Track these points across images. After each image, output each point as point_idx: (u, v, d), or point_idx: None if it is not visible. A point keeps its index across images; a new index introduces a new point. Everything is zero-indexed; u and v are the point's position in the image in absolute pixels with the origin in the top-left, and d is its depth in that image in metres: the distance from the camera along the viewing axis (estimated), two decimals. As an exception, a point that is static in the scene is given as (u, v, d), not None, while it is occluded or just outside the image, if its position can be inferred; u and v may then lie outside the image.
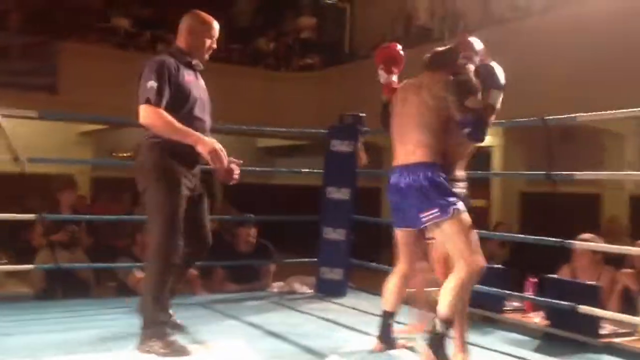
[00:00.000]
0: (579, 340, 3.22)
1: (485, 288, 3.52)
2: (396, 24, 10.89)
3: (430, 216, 2.67)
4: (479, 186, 9.10)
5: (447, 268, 2.83)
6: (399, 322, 3.20)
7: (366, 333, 3.39)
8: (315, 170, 5.12)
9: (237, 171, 3.01)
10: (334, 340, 3.20)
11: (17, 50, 9.48)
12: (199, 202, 3.09)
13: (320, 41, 12.64)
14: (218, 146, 2.84)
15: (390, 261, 3.24)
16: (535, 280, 3.75)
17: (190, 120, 2.90)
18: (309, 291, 4.59)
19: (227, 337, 3.19)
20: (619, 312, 3.56)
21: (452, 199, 2.68)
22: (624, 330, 3.28)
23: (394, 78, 3.11)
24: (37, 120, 5.40)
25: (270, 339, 3.23)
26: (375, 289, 4.65)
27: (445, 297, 2.63)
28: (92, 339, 3.04)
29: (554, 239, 3.49)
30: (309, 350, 3.01)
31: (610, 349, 3.13)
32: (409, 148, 2.80)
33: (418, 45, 9.82)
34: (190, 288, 4.71)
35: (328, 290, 4.51)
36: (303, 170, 5.45)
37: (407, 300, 3.19)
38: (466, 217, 2.71)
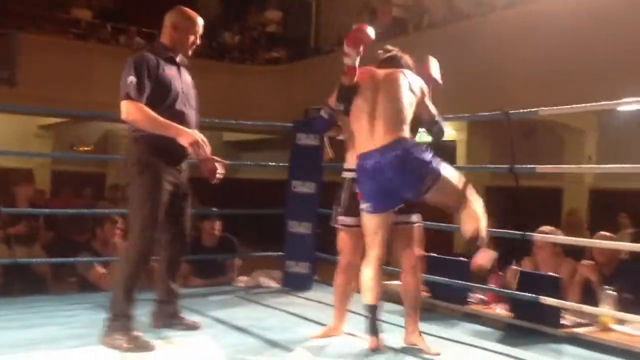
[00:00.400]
0: (541, 330, 3.27)
1: (449, 280, 3.56)
2: (361, 18, 10.90)
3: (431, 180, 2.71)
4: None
5: None
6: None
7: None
8: (280, 164, 5.09)
9: (221, 170, 3.06)
10: (300, 334, 3.19)
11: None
12: (183, 199, 3.10)
13: (286, 35, 12.59)
14: (199, 137, 2.86)
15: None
16: (499, 272, 3.79)
17: (171, 114, 2.90)
18: (275, 285, 4.57)
19: (192, 333, 3.14)
20: (579, 303, 3.64)
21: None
22: (584, 321, 3.35)
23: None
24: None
25: (236, 333, 3.20)
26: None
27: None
28: (52, 336, 2.97)
29: (515, 232, 3.54)
30: (274, 345, 2.99)
31: (571, 339, 3.20)
32: (382, 131, 2.79)
33: (384, 40, 9.91)
34: (153, 283, 4.64)
35: (294, 284, 4.50)
36: (268, 163, 5.42)
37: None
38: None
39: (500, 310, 3.63)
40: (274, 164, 5.44)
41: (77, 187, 9.47)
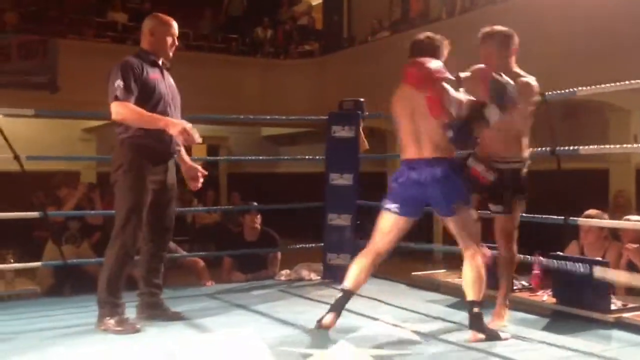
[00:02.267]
0: (589, 317, 3.20)
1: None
2: (394, 8, 10.80)
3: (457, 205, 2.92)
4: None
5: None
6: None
7: (374, 318, 3.40)
8: (317, 157, 5.10)
9: (201, 179, 3.38)
10: (342, 327, 3.18)
11: (16, 49, 9.46)
12: (168, 197, 3.29)
13: (318, 27, 12.56)
14: (188, 125, 3.04)
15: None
16: (540, 257, 3.71)
17: (156, 114, 3.11)
18: (317, 278, 4.59)
19: (235, 327, 3.19)
20: (625, 287, 3.55)
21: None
22: (633, 305, 3.26)
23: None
24: (41, 119, 5.40)
25: (278, 327, 3.23)
26: (384, 274, 4.67)
27: (472, 285, 2.92)
28: (101, 334, 3.04)
29: (557, 217, 3.46)
30: (317, 338, 3.00)
31: (620, 324, 3.12)
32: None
33: (417, 27, 9.79)
34: (199, 279, 4.73)
35: (335, 276, 4.48)
36: (305, 157, 5.43)
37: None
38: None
39: (546, 297, 3.56)
40: (310, 157, 5.45)
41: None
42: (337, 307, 3.08)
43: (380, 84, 9.50)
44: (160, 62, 3.25)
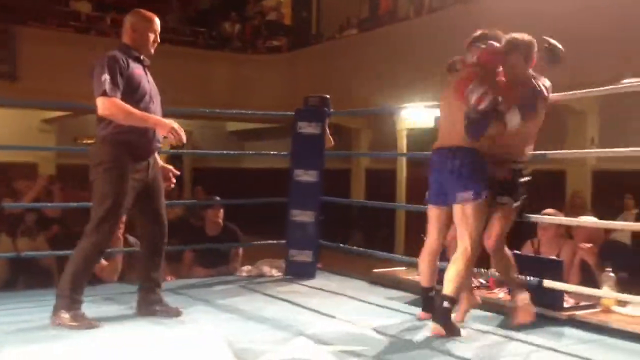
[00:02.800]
0: (543, 314, 3.28)
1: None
2: (362, 6, 10.85)
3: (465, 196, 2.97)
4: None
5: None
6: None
7: (333, 315, 3.41)
8: (282, 153, 5.10)
9: (173, 180, 3.46)
10: (301, 323, 3.21)
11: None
12: (155, 191, 3.27)
13: (287, 23, 12.54)
14: (176, 125, 3.05)
15: (360, 241, 3.29)
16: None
17: (140, 110, 3.08)
18: (278, 274, 4.59)
19: (195, 322, 3.17)
20: (579, 284, 3.65)
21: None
22: (585, 303, 3.35)
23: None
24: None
25: (238, 322, 3.22)
26: (345, 270, 4.70)
27: (450, 279, 2.95)
28: (54, 329, 2.99)
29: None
30: (275, 334, 3.01)
31: (572, 322, 3.20)
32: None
33: (385, 25, 9.87)
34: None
35: (297, 273, 4.52)
36: (269, 152, 5.43)
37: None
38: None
39: (502, 295, 3.63)
40: (275, 152, 5.44)
41: (82, 180, 9.50)
42: (425, 306, 3.27)
43: (348, 81, 9.61)
44: (142, 58, 3.22)
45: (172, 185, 3.48)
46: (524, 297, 3.14)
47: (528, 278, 3.28)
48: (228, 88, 11.09)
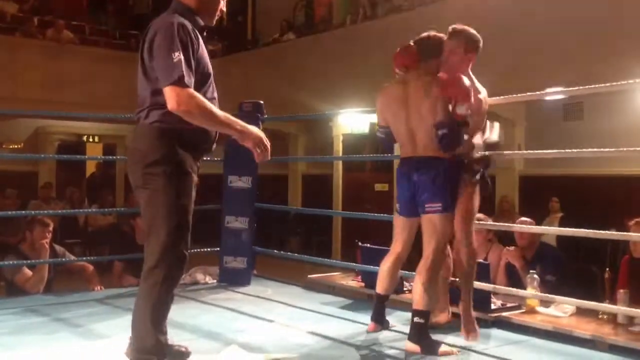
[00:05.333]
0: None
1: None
2: (298, 12, 10.90)
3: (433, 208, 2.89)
4: (385, 171, 9.35)
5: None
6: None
7: (269, 320, 3.41)
8: (215, 159, 5.04)
9: None
10: (235, 330, 3.18)
11: None
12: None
13: (222, 27, 12.42)
14: (264, 136, 2.38)
15: (298, 247, 3.29)
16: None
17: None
18: (212, 281, 4.54)
19: (126, 333, 3.08)
20: (505, 286, 3.77)
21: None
22: (511, 304, 3.47)
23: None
24: None
25: (171, 331, 3.13)
26: (280, 276, 4.69)
27: (418, 294, 2.86)
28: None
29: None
30: (209, 342, 2.97)
31: (499, 323, 3.30)
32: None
33: (320, 32, 9.94)
34: (87, 284, 4.53)
35: (232, 280, 4.48)
36: (203, 158, 5.34)
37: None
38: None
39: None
40: (208, 158, 5.35)
41: (6, 187, 9.11)
42: (375, 315, 3.16)
43: (284, 86, 9.60)
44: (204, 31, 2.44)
45: None
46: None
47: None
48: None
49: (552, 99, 7.43)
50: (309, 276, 4.66)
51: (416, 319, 2.83)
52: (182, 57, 2.20)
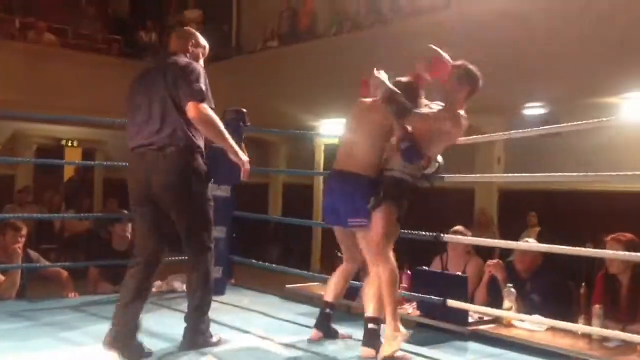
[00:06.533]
0: (448, 329, 3.37)
1: (357, 283, 3.58)
2: (282, 21, 10.91)
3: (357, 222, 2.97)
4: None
5: None
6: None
7: (245, 331, 3.38)
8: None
9: None
10: (211, 340, 3.14)
11: None
12: None
13: (206, 35, 12.41)
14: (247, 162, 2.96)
15: (277, 257, 3.29)
16: (409, 272, 3.86)
17: None
18: (190, 290, 4.48)
19: (99, 341, 3.04)
20: (486, 300, 3.78)
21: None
22: (489, 318, 3.47)
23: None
24: None
25: (146, 340, 3.10)
26: (258, 286, 4.66)
27: (369, 301, 2.95)
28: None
29: (428, 234, 3.60)
30: (184, 351, 2.94)
31: (477, 337, 3.31)
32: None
33: (304, 42, 9.97)
34: (62, 290, 4.46)
35: (209, 289, 4.42)
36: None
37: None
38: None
39: (411, 310, 3.70)
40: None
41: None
42: (319, 323, 3.22)
43: (267, 95, 9.60)
44: None
45: None
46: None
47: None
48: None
49: (532, 114, 7.54)
50: (287, 286, 4.63)
51: (370, 326, 2.92)
52: (205, 89, 2.88)
